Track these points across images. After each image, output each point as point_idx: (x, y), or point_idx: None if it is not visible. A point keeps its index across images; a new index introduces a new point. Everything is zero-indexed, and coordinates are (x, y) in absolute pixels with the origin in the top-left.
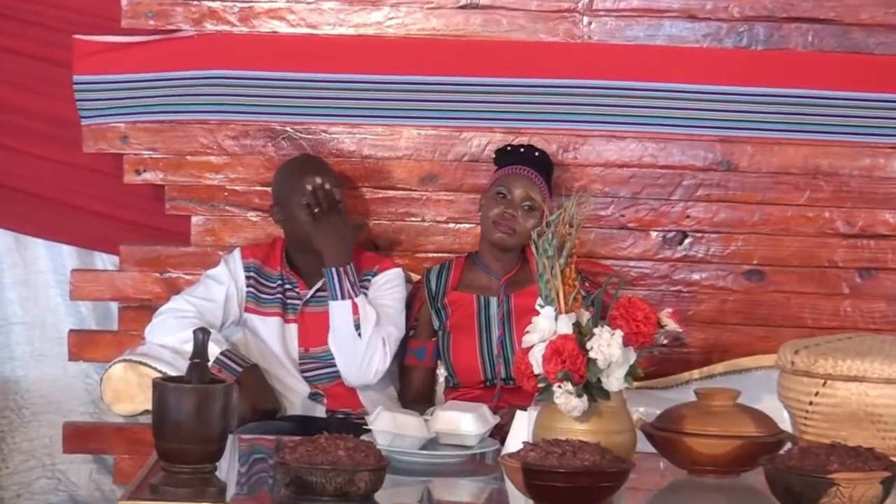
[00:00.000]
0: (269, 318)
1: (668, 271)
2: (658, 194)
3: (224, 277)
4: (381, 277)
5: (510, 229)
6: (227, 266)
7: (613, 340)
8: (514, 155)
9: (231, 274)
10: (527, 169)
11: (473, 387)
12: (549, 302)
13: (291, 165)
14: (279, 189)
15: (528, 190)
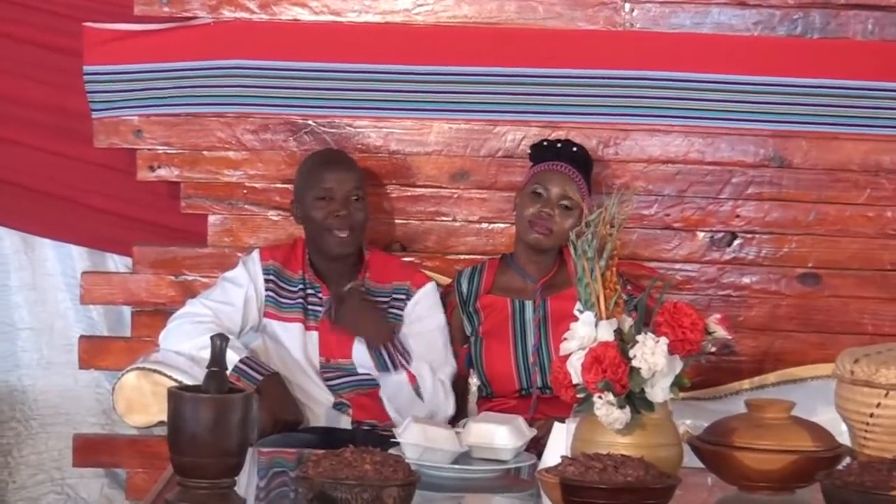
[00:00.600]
0: (290, 324)
1: (716, 274)
2: (705, 192)
3: (242, 280)
4: (417, 301)
5: (547, 229)
6: (245, 268)
7: (658, 348)
8: (551, 150)
9: (250, 276)
10: (564, 165)
11: (508, 397)
12: (589, 307)
13: (310, 159)
14: (298, 184)
15: (565, 188)
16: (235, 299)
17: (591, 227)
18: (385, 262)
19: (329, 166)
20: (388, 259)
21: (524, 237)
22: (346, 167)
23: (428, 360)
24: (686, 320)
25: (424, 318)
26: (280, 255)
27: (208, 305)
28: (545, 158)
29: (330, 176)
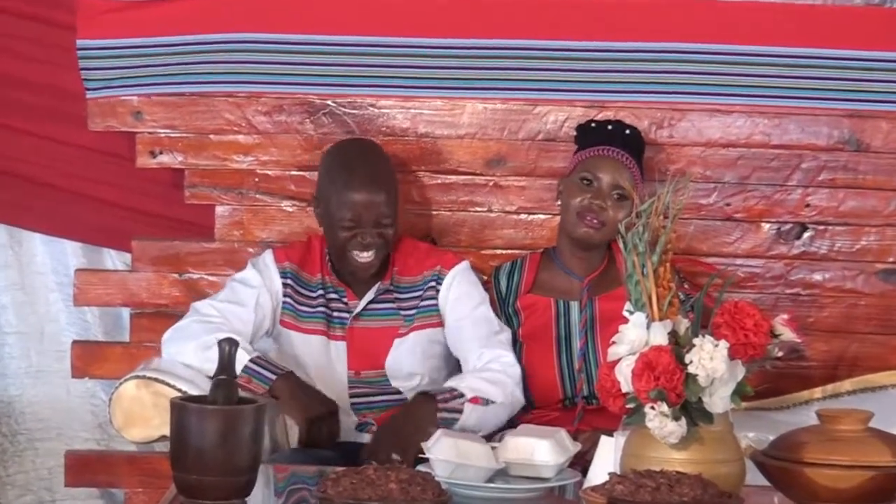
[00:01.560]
0: (311, 336)
1: (783, 270)
2: (771, 179)
3: (255, 281)
4: (450, 284)
5: (599, 223)
6: (256, 270)
7: (717, 353)
8: (600, 133)
9: (263, 279)
10: (615, 150)
11: (550, 407)
12: (640, 307)
13: (338, 161)
14: (321, 184)
15: (617, 176)
16: (247, 299)
17: (643, 219)
18: (411, 252)
19: (358, 188)
20: (413, 248)
21: (572, 231)
22: (378, 186)
23: (479, 343)
24: (749, 321)
25: (463, 299)
26: (295, 255)
27: (216, 306)
28: (594, 142)
29: (359, 200)
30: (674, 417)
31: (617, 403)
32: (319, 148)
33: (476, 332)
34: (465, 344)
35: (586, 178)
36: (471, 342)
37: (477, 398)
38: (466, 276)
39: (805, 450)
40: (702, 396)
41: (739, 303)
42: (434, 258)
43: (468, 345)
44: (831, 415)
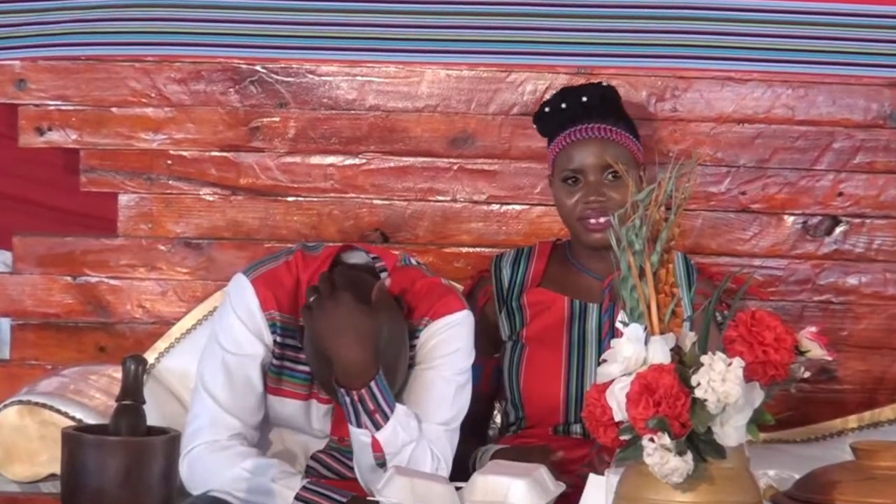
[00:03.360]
0: (291, 401)
1: (810, 273)
2: (796, 162)
3: (248, 343)
4: (433, 333)
5: (606, 222)
6: (242, 322)
7: (731, 373)
8: (556, 115)
9: (254, 335)
10: (585, 127)
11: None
12: (637, 317)
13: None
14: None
15: (600, 155)
16: (253, 376)
17: (640, 210)
18: (422, 295)
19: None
20: (426, 289)
21: (583, 240)
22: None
23: (425, 417)
24: (769, 335)
25: (436, 349)
26: (283, 296)
27: (222, 404)
28: (557, 129)
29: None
30: (677, 452)
31: (608, 435)
32: (245, 123)
33: (425, 394)
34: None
35: (568, 176)
36: (415, 406)
37: (380, 450)
38: (462, 334)
39: (837, 490)
40: (712, 426)
41: (757, 312)
42: (428, 303)
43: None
44: (869, 448)
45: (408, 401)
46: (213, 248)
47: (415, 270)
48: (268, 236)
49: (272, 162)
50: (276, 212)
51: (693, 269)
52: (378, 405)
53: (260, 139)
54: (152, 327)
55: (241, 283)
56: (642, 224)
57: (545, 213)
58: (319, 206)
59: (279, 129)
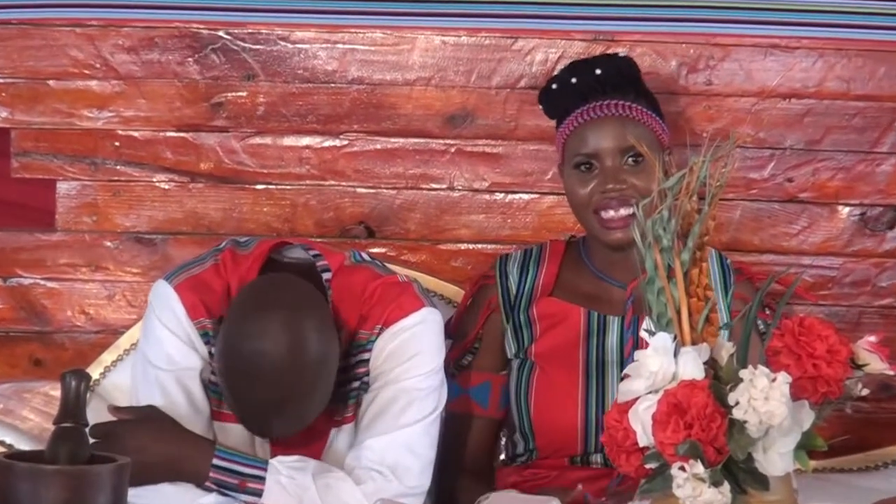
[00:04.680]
0: (235, 426)
1: (869, 273)
2: (853, 143)
3: (188, 358)
4: (389, 341)
5: (627, 216)
6: (169, 330)
7: (775, 391)
8: (568, 93)
9: (192, 348)
10: (600, 105)
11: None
12: (665, 325)
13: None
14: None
15: (619, 135)
16: (195, 391)
17: (669, 200)
18: (366, 299)
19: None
20: (371, 294)
21: (600, 238)
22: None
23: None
24: (820, 346)
25: (393, 357)
26: (213, 302)
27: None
28: (568, 108)
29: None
30: (712, 482)
31: (631, 463)
32: (207, 99)
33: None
34: (360, 429)
35: (581, 162)
36: (364, 429)
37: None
38: (414, 333)
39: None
40: (753, 452)
41: (807, 319)
42: (380, 309)
43: (360, 431)
44: None
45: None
46: (168, 244)
47: (366, 270)
48: (232, 231)
49: (238, 144)
50: (242, 202)
51: (730, 270)
52: (240, 474)
53: (223, 117)
54: (96, 337)
55: (162, 290)
56: (671, 216)
57: (557, 204)
58: (294, 196)
59: (246, 106)
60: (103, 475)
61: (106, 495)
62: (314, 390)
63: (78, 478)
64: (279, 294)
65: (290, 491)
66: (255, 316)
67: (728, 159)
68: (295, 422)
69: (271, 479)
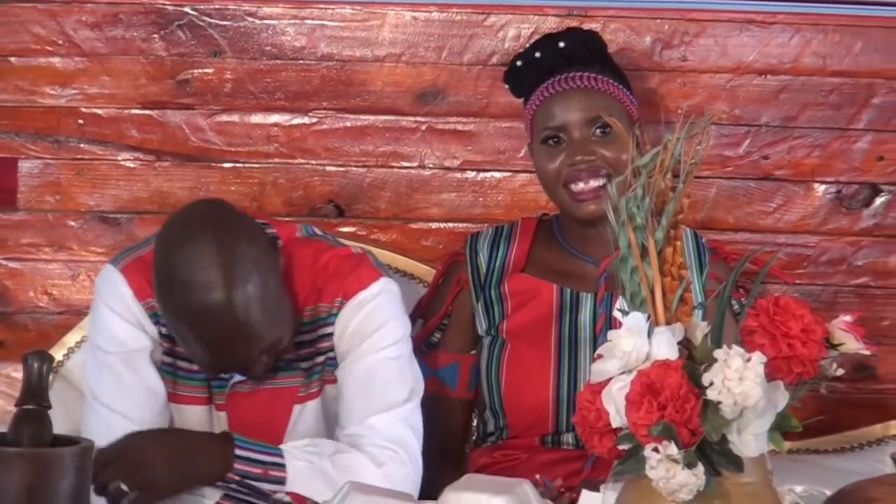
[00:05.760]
0: (191, 408)
1: (845, 252)
2: (829, 120)
3: (138, 340)
4: (350, 317)
5: (597, 187)
6: (117, 314)
7: (750, 371)
8: (532, 68)
9: (141, 329)
10: (565, 77)
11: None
12: (638, 305)
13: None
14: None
15: (586, 106)
16: (147, 374)
17: (643, 177)
18: (320, 271)
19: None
20: (324, 267)
21: (571, 213)
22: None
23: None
24: (795, 325)
25: (358, 334)
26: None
27: (121, 413)
28: (533, 83)
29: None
30: (686, 464)
31: (604, 444)
32: (173, 76)
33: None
34: (344, 404)
35: (550, 136)
36: (353, 403)
37: (300, 498)
38: (376, 303)
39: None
40: (727, 434)
41: (782, 299)
42: (338, 281)
43: (347, 407)
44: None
45: (345, 399)
46: (133, 223)
47: (318, 242)
48: None
49: (204, 121)
50: (209, 180)
51: (704, 249)
52: (262, 463)
53: (190, 94)
54: (60, 318)
55: (108, 274)
56: (645, 194)
57: (530, 182)
58: (262, 174)
59: (213, 83)
60: (66, 458)
61: (70, 478)
62: (261, 296)
63: (41, 461)
64: (200, 208)
65: (311, 474)
66: (181, 230)
67: (703, 136)
68: (252, 339)
69: (291, 465)
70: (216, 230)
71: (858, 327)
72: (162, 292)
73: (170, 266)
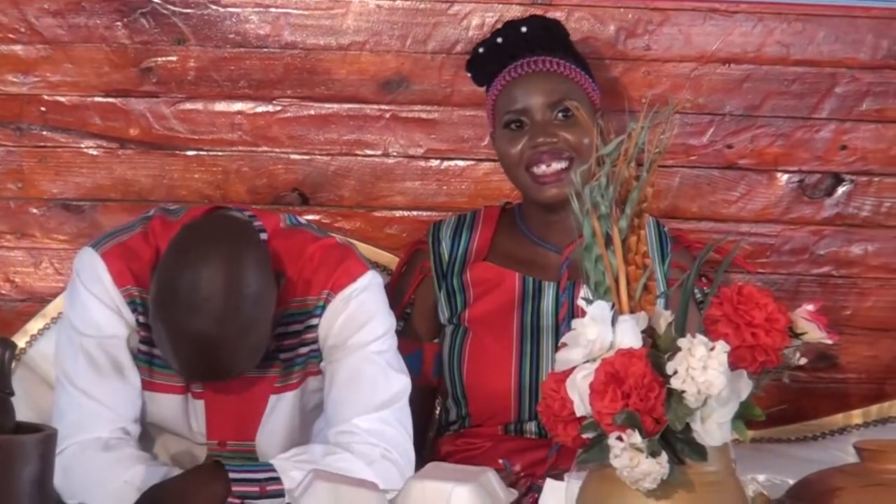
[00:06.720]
0: (166, 396)
1: (808, 241)
2: (792, 109)
3: (114, 325)
4: (337, 312)
5: (560, 170)
6: (96, 297)
7: (713, 360)
8: (494, 54)
9: (118, 315)
10: (527, 62)
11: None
12: (602, 293)
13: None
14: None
15: (547, 90)
16: (122, 359)
17: (607, 166)
18: (305, 264)
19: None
20: (310, 259)
21: (534, 197)
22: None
23: (353, 406)
24: (758, 314)
25: (346, 327)
26: (140, 270)
27: (92, 395)
28: (497, 67)
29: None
30: (650, 452)
31: (568, 432)
32: (136, 64)
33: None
34: (332, 403)
35: (512, 120)
36: (342, 401)
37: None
38: (363, 298)
39: (838, 499)
40: (690, 423)
41: (745, 287)
42: (325, 273)
43: (335, 406)
44: (876, 449)
45: (333, 398)
46: (97, 211)
47: (303, 232)
48: (163, 197)
49: (168, 109)
50: (173, 168)
51: (667, 238)
52: (257, 481)
53: (153, 82)
54: (22, 305)
55: (88, 257)
56: (609, 183)
57: (493, 171)
58: (226, 162)
59: (176, 71)
60: (29, 445)
61: (32, 466)
62: (251, 327)
63: (3, 448)
64: (217, 228)
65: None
66: (194, 248)
67: (667, 125)
68: (229, 363)
69: (286, 477)
70: (229, 260)
71: (821, 316)
72: (157, 298)
73: (173, 280)
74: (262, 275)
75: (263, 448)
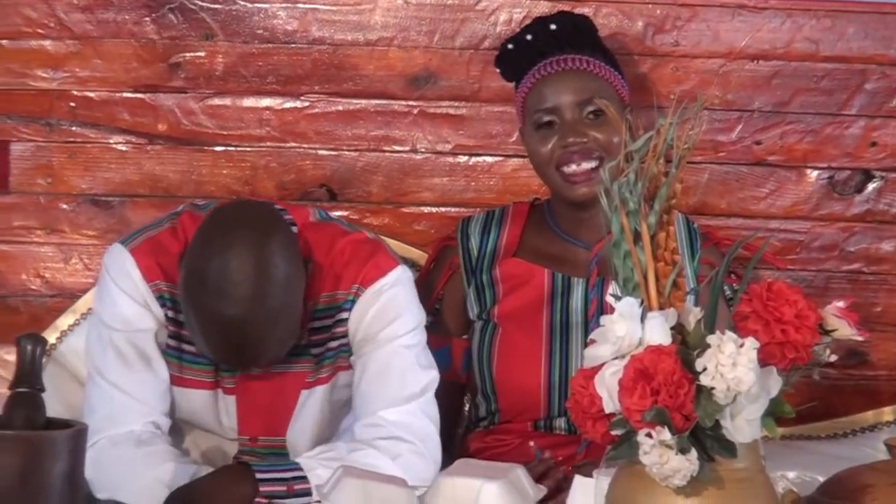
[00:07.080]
0: (196, 392)
1: (838, 237)
2: (821, 106)
3: (143, 320)
4: (367, 307)
5: (589, 170)
6: (126, 293)
7: (743, 356)
8: (524, 51)
9: (140, 306)
10: (557, 59)
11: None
12: (631, 290)
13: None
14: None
15: (577, 89)
16: (151, 353)
17: (635, 162)
18: (337, 258)
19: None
20: (341, 254)
21: (564, 195)
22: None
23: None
24: (788, 311)
25: (375, 322)
26: (169, 265)
27: (123, 389)
28: (525, 66)
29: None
30: (679, 449)
31: (597, 429)
32: (165, 59)
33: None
34: (361, 396)
35: (541, 120)
36: (370, 395)
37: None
38: (393, 293)
39: (869, 496)
40: (720, 419)
41: (775, 284)
42: (355, 268)
43: (363, 398)
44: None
45: (362, 390)
46: (125, 206)
47: (333, 226)
48: (191, 193)
49: (196, 105)
50: (201, 164)
51: (696, 234)
52: (284, 480)
53: (182, 77)
54: (52, 301)
55: (117, 254)
56: (637, 179)
57: (522, 167)
58: (254, 158)
59: (205, 66)
60: (60, 441)
61: (63, 461)
62: (280, 311)
63: (34, 443)
64: (245, 214)
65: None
66: (222, 233)
67: (695, 121)
68: (260, 348)
69: (313, 475)
70: (257, 245)
71: (851, 313)
72: (186, 284)
73: (202, 269)
74: (290, 259)
75: (294, 443)
